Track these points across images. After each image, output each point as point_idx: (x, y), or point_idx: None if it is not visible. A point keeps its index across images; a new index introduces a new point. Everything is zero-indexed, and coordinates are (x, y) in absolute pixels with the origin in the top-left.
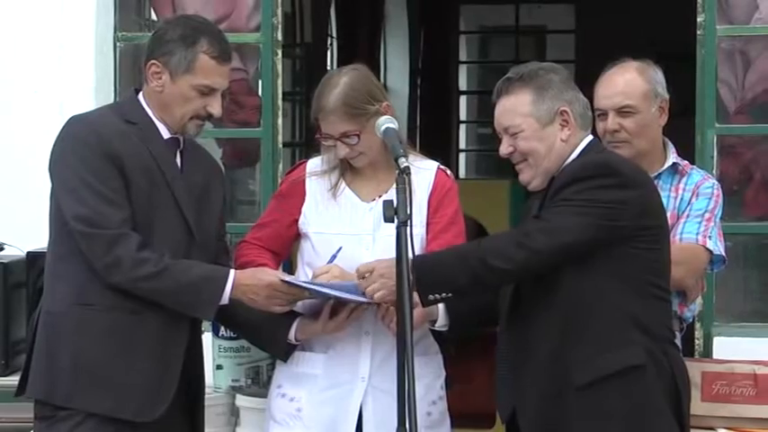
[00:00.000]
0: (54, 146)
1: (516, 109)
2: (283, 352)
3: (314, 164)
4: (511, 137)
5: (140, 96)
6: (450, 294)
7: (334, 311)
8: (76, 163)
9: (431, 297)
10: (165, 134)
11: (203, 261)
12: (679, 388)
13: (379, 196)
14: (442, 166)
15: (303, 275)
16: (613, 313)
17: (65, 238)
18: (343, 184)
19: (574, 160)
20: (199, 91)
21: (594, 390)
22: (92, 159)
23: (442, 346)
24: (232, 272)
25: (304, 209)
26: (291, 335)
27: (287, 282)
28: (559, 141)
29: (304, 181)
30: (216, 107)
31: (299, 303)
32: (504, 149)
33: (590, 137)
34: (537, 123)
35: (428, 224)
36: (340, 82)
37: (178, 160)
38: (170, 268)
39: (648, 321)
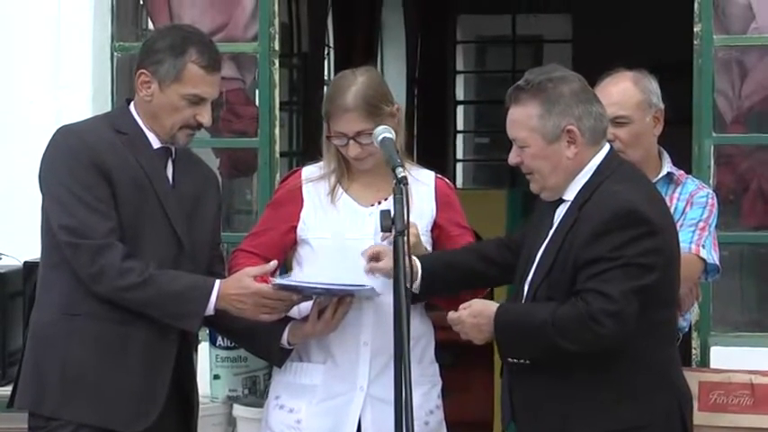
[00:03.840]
0: (43, 156)
1: (523, 122)
2: (278, 357)
3: (309, 171)
4: (519, 147)
5: (131, 106)
6: (527, 361)
7: (321, 313)
8: (63, 173)
9: (510, 360)
10: (155, 144)
11: (193, 272)
12: None
13: (378, 202)
14: (439, 175)
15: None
16: (632, 364)
17: (54, 248)
18: (340, 190)
19: (590, 180)
20: (188, 100)
21: None
22: (78, 169)
23: (439, 355)
24: (217, 282)
25: (303, 215)
26: (284, 339)
27: (279, 284)
28: (566, 159)
29: (300, 188)
30: (206, 116)
31: (295, 310)
32: (513, 159)
33: (605, 149)
34: (542, 140)
35: (439, 228)
36: (357, 81)
37: (170, 170)
38: (154, 278)
39: (665, 367)
